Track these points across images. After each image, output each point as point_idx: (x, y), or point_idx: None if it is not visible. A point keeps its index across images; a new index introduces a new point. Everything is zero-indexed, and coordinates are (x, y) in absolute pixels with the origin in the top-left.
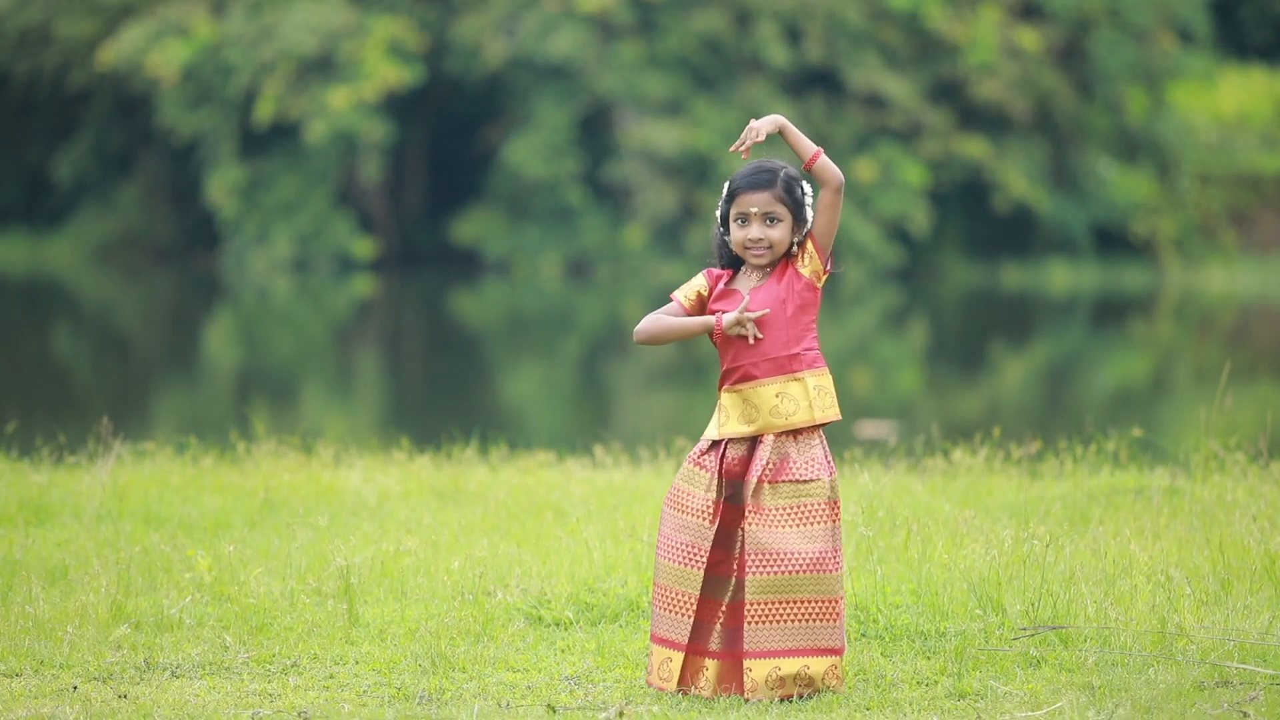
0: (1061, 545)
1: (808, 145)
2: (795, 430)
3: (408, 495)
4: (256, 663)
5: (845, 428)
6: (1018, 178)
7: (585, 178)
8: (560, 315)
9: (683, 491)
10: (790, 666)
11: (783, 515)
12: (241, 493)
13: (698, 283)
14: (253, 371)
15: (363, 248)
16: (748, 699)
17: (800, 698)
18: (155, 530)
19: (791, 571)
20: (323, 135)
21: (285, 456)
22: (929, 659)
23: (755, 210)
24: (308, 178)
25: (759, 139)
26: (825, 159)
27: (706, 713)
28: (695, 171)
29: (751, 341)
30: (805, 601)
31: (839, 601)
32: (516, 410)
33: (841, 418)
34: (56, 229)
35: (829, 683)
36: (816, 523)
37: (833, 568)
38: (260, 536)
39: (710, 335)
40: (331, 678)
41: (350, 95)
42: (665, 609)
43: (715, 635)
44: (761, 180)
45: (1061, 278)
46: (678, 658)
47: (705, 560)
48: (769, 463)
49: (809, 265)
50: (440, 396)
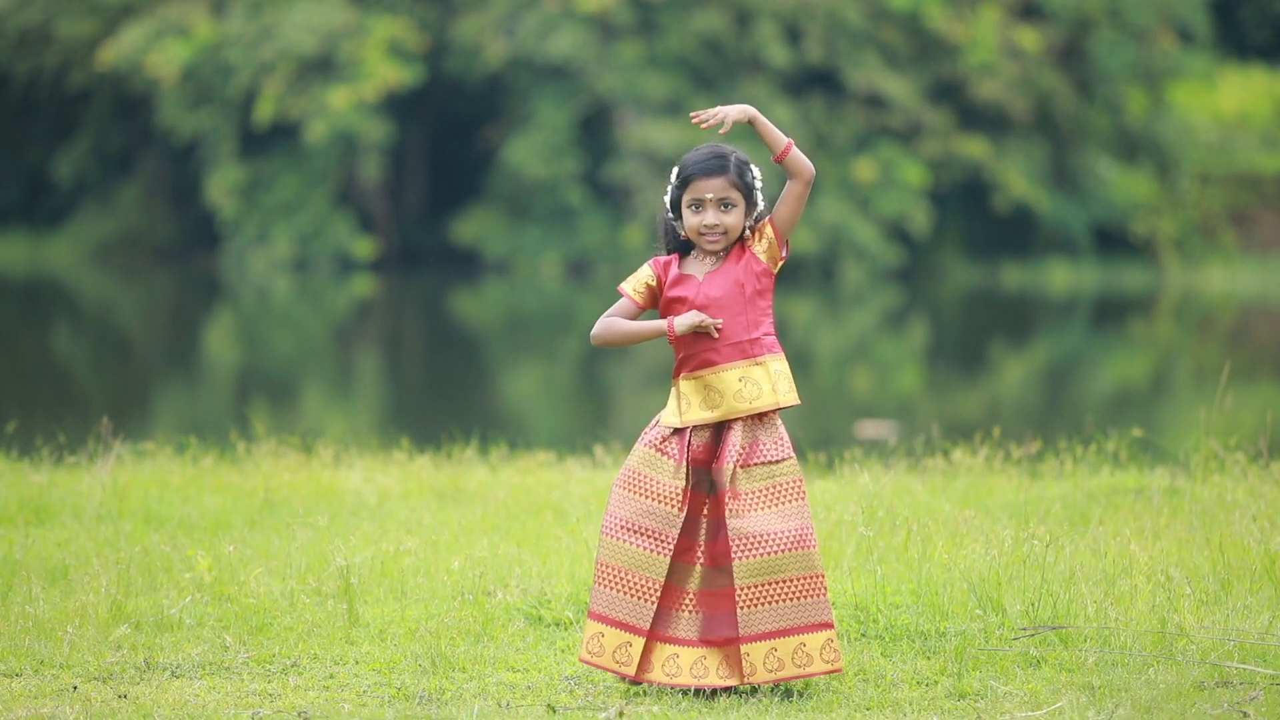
0: (1061, 545)
1: (779, 137)
2: (760, 414)
3: (408, 495)
4: (256, 663)
5: (845, 428)
6: (1018, 178)
7: (585, 178)
8: (560, 315)
9: (643, 476)
10: (786, 646)
11: (759, 498)
12: (241, 493)
13: (645, 274)
14: (253, 371)
15: (363, 248)
16: (746, 683)
17: (799, 681)
18: (155, 530)
19: (776, 552)
20: (323, 135)
21: (285, 456)
22: (929, 659)
23: (710, 196)
24: (308, 178)
25: (724, 129)
26: (796, 151)
27: (707, 712)
28: None
29: (716, 335)
30: (792, 580)
31: (822, 577)
32: (516, 410)
33: (801, 403)
34: (56, 229)
35: (828, 657)
36: (791, 501)
37: (812, 543)
38: (260, 536)
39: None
40: (331, 678)
41: (350, 95)
42: (623, 592)
43: (681, 622)
44: (716, 166)
45: (1061, 278)
46: (638, 643)
47: (673, 547)
48: (741, 447)
49: (767, 251)
50: (440, 396)
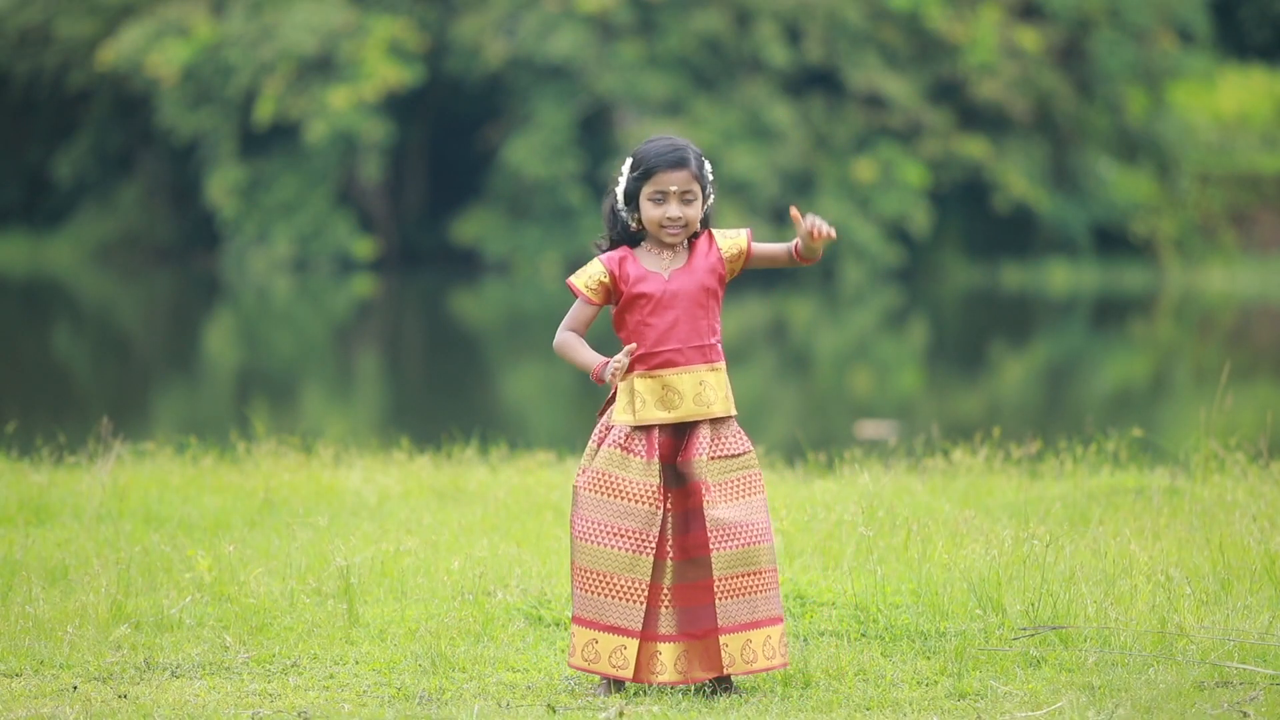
0: (1061, 545)
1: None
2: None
3: (408, 495)
4: (256, 663)
5: (845, 428)
6: (1018, 178)
7: (585, 178)
8: (560, 315)
9: (614, 477)
10: (758, 638)
11: (732, 489)
12: (241, 493)
13: (597, 271)
14: (253, 371)
15: (363, 248)
16: (725, 674)
17: (763, 674)
18: (155, 530)
19: (751, 543)
20: (323, 135)
21: (285, 456)
22: (929, 659)
23: (674, 189)
24: (308, 178)
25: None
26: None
27: (707, 712)
28: None
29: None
30: (763, 572)
31: (778, 570)
32: (516, 410)
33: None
34: (56, 229)
35: (784, 652)
36: (757, 493)
37: (772, 536)
38: (260, 536)
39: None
40: (331, 678)
41: (350, 95)
42: (611, 596)
43: (661, 619)
44: (679, 158)
45: (1061, 278)
46: (633, 645)
47: (654, 546)
48: (709, 440)
49: (733, 260)
50: (440, 396)
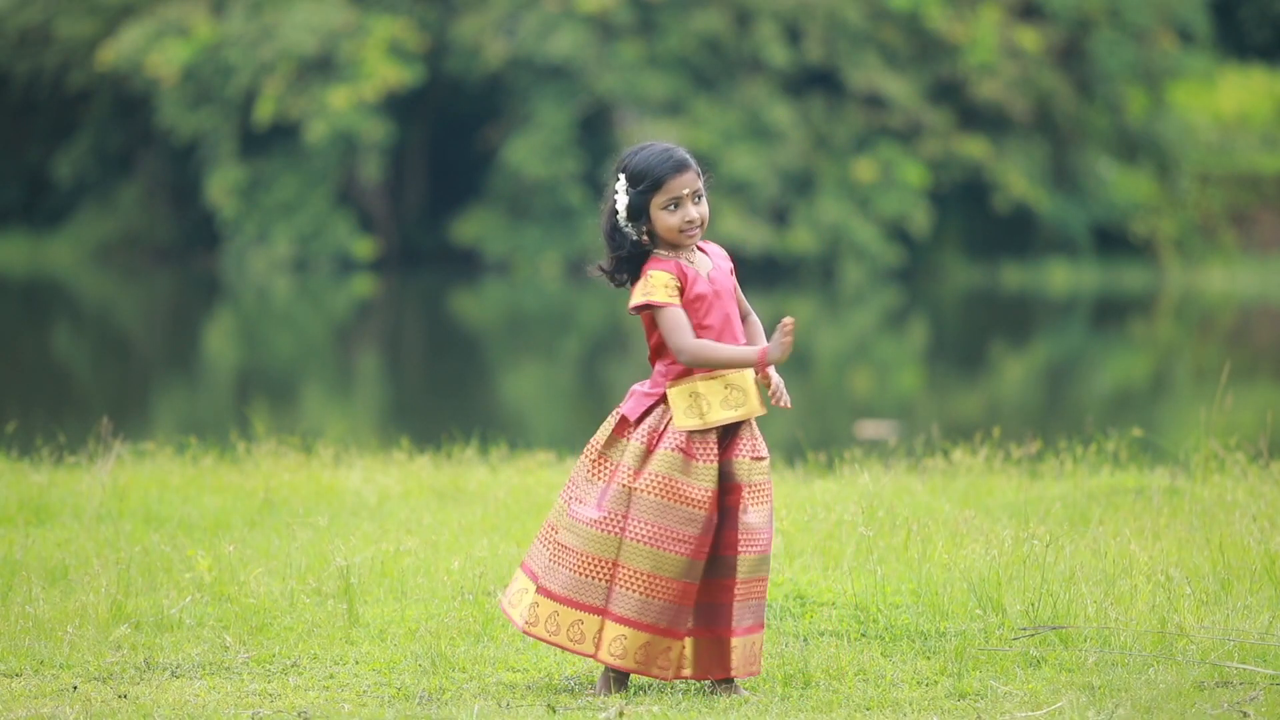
0: (1061, 545)
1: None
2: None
3: (408, 495)
4: (256, 663)
5: (845, 428)
6: (1018, 178)
7: (585, 178)
8: (560, 315)
9: (676, 482)
10: (756, 643)
11: (758, 493)
12: (241, 493)
13: (663, 279)
14: (253, 371)
15: (363, 248)
16: (734, 676)
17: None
18: (155, 530)
19: (766, 550)
20: (323, 135)
21: (285, 456)
22: (929, 659)
23: (686, 192)
24: (308, 178)
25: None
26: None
27: (707, 712)
28: None
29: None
30: (766, 579)
31: None
32: (516, 410)
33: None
34: (56, 229)
35: (760, 660)
36: (770, 499)
37: None
38: (260, 536)
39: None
40: (331, 678)
41: (350, 95)
42: (668, 600)
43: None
44: (682, 161)
45: (1061, 278)
46: (677, 646)
47: (706, 550)
48: (749, 440)
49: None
50: (440, 396)
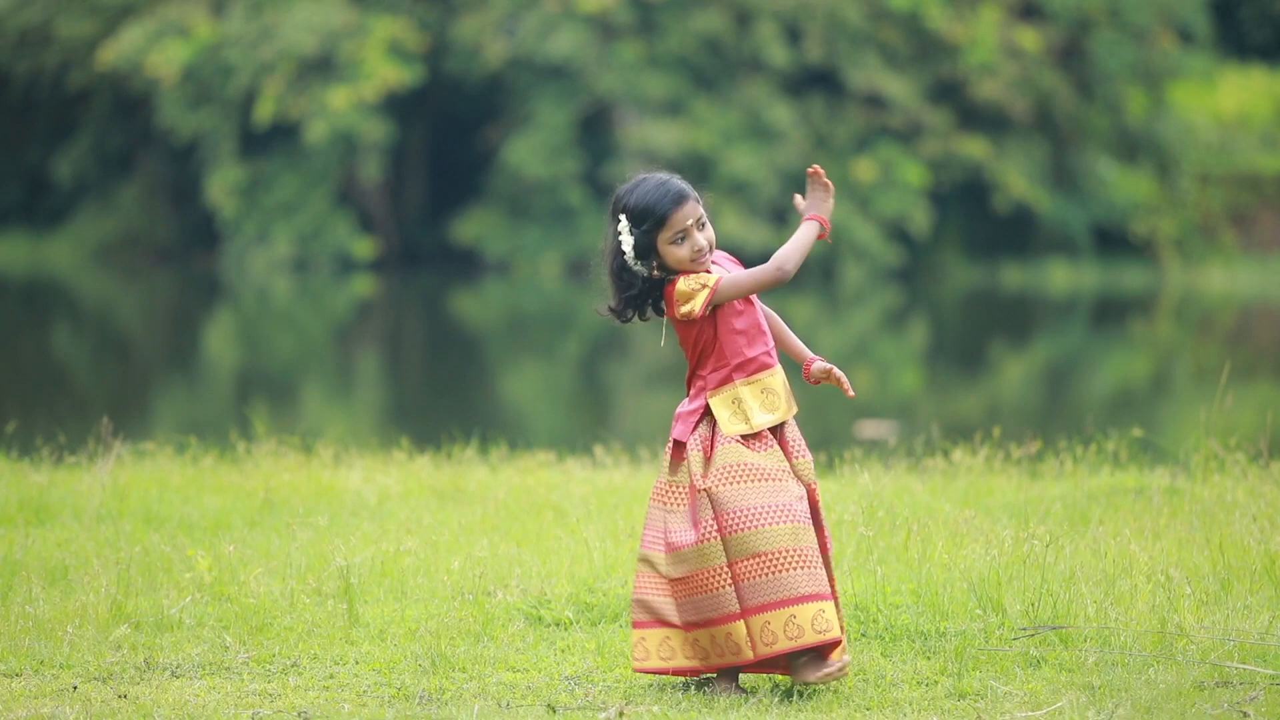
0: (1061, 545)
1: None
2: None
3: (408, 495)
4: (256, 663)
5: (845, 428)
6: (1018, 178)
7: (585, 178)
8: (560, 315)
9: (749, 463)
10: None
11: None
12: (241, 493)
13: (705, 279)
14: (253, 371)
15: (363, 248)
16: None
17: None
18: (155, 530)
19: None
20: (323, 135)
21: (285, 456)
22: (929, 659)
23: (690, 222)
24: (308, 178)
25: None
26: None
27: (707, 712)
28: (695, 172)
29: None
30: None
31: None
32: (516, 410)
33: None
34: (56, 229)
35: None
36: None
37: None
38: (260, 536)
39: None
40: (331, 678)
41: (350, 95)
42: (796, 568)
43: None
44: (681, 193)
45: (1061, 278)
46: (830, 606)
47: (808, 517)
48: (801, 440)
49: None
50: (440, 396)
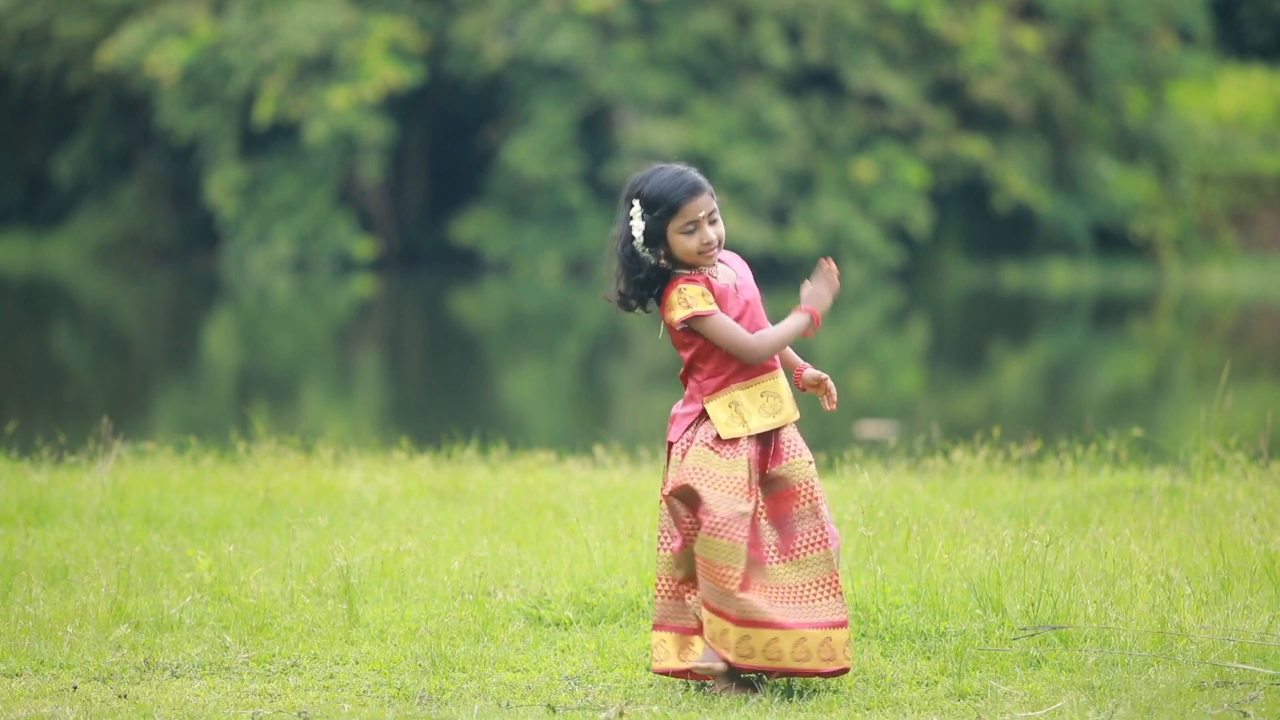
0: (1061, 545)
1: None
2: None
3: (408, 495)
4: (256, 663)
5: (845, 428)
6: (1018, 178)
7: (585, 178)
8: (560, 315)
9: (712, 467)
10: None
11: (813, 490)
12: (241, 493)
13: (696, 291)
14: (253, 371)
15: (363, 248)
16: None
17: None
18: (155, 530)
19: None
20: (323, 135)
21: (285, 456)
22: (929, 659)
23: (703, 214)
24: (308, 178)
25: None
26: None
27: (707, 712)
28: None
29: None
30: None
31: None
32: (516, 410)
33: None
34: (56, 229)
35: None
36: (824, 497)
37: None
38: (260, 536)
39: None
40: (331, 678)
41: (350, 95)
42: (731, 588)
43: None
44: (696, 184)
45: (1061, 278)
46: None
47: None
48: (801, 441)
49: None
50: (440, 396)
